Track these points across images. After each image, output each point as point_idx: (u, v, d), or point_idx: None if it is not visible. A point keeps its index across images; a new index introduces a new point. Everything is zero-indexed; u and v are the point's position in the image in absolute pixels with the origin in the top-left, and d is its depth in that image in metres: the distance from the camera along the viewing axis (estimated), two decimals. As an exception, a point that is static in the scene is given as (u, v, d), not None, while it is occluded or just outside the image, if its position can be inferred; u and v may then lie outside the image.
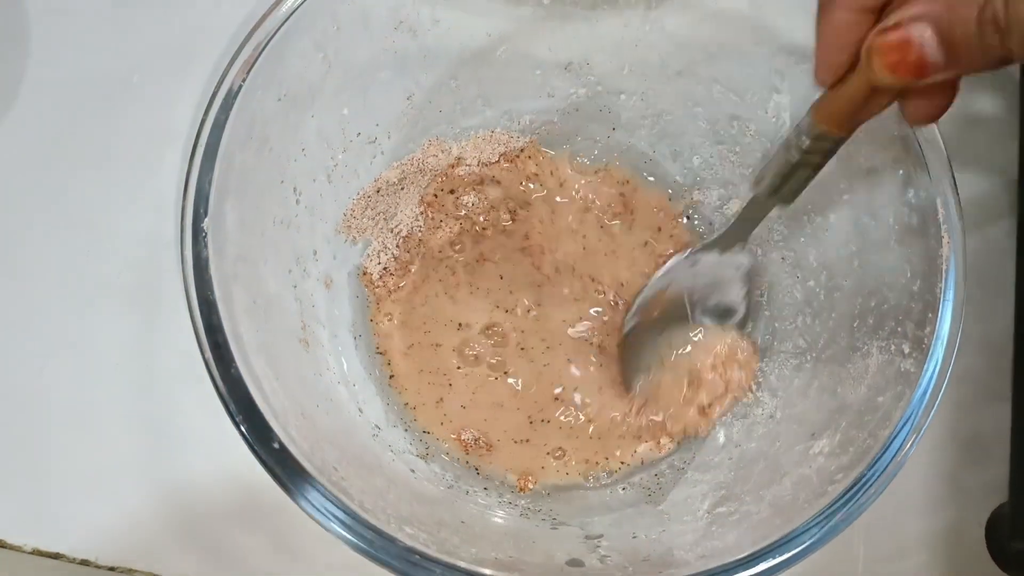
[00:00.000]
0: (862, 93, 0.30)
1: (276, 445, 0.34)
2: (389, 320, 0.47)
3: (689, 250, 0.45)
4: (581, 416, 0.46)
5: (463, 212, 0.49)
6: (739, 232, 0.42)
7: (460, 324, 0.47)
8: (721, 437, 0.45)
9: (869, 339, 0.40)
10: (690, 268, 0.44)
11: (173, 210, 0.49)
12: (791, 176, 0.36)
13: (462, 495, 0.43)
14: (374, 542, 0.33)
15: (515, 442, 0.46)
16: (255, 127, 0.39)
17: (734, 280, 0.44)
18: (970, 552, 0.47)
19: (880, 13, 0.28)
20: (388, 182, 0.47)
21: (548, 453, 0.46)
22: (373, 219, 0.47)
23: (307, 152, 0.43)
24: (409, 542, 0.34)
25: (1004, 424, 0.46)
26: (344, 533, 0.33)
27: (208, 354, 0.35)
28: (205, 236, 0.36)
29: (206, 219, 0.36)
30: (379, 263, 0.48)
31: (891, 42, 0.27)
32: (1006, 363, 0.47)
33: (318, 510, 0.33)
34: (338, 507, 0.33)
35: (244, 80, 0.38)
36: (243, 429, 0.34)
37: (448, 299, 0.48)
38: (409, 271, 0.48)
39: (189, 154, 0.37)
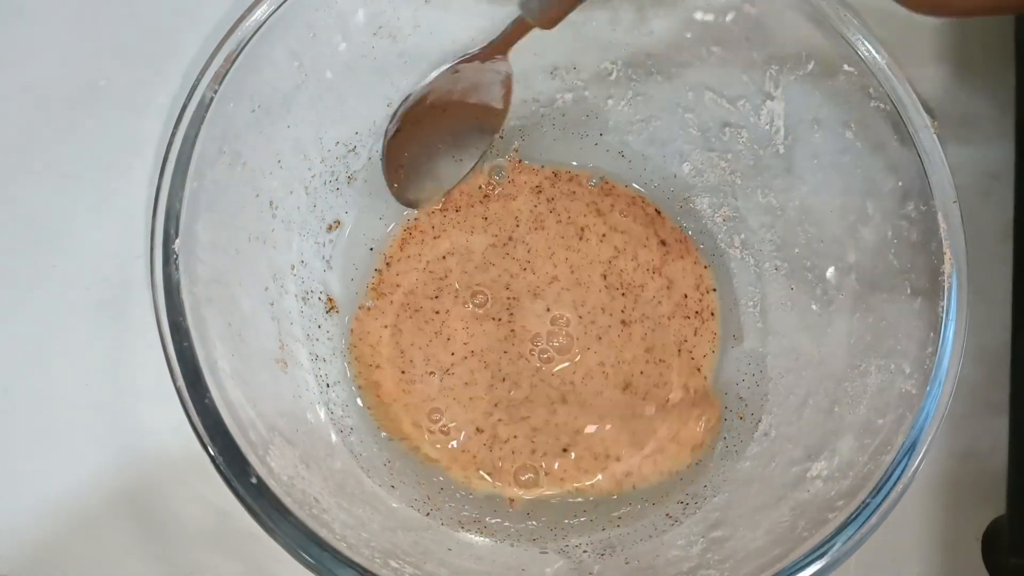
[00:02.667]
0: None
1: (254, 480, 0.32)
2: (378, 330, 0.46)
3: (449, 63, 0.44)
4: (574, 430, 0.45)
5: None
6: (500, 46, 0.42)
7: (447, 335, 0.46)
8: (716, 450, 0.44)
9: (867, 357, 0.39)
10: (451, 75, 0.44)
11: (143, 222, 0.47)
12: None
13: (448, 517, 0.42)
14: (358, 582, 0.32)
15: (501, 455, 0.45)
16: (227, 141, 0.38)
17: (495, 83, 0.44)
18: (966, 566, 0.46)
19: None
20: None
21: (534, 469, 0.44)
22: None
23: (283, 164, 0.41)
24: (394, 579, 0.32)
25: (1001, 435, 0.45)
26: (325, 573, 0.32)
27: (180, 383, 0.33)
28: (176, 258, 0.34)
29: (177, 240, 0.35)
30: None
31: None
32: (1003, 373, 0.46)
33: (301, 549, 0.32)
34: (320, 546, 0.32)
35: (215, 92, 0.36)
36: (219, 464, 0.32)
37: (434, 314, 0.46)
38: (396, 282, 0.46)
39: (159, 166, 0.36)
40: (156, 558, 0.45)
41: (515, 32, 0.41)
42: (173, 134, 0.35)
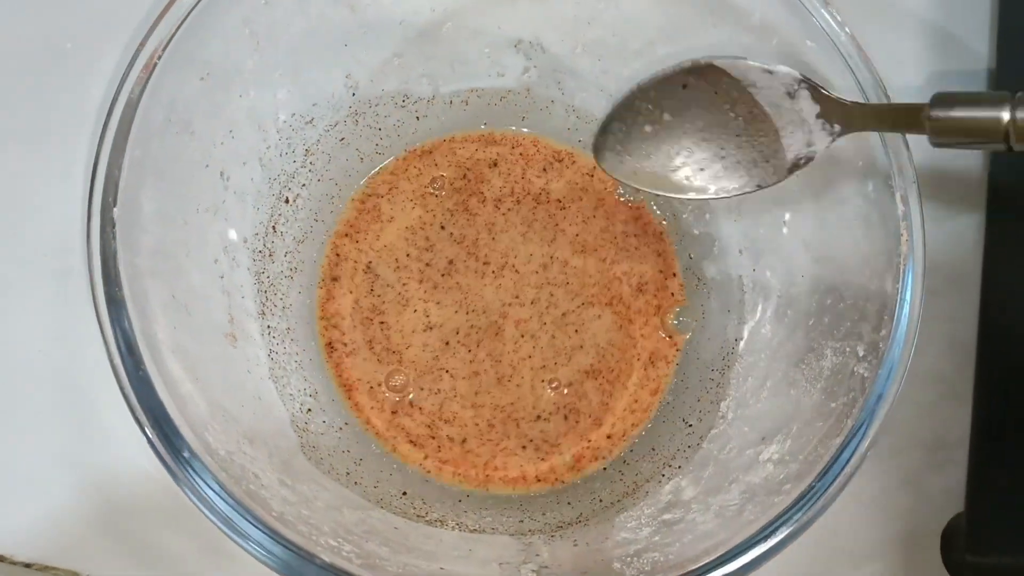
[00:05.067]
0: None
1: (185, 454, 0.32)
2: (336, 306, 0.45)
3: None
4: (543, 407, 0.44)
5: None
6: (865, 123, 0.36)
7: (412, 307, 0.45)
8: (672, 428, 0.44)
9: (824, 339, 0.38)
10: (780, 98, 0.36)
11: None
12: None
13: (397, 497, 0.41)
14: (291, 561, 0.31)
15: (466, 441, 0.44)
16: (175, 109, 0.37)
17: (797, 135, 0.37)
18: (925, 562, 0.45)
19: None
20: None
21: (501, 453, 0.44)
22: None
23: (235, 135, 0.40)
24: (329, 557, 0.32)
25: (966, 428, 0.44)
26: (256, 550, 0.31)
27: (114, 355, 0.33)
28: (114, 227, 0.34)
29: (115, 208, 0.34)
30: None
31: None
32: (971, 363, 0.45)
33: (229, 526, 0.31)
34: (251, 521, 0.31)
35: (159, 58, 0.35)
36: (150, 436, 0.32)
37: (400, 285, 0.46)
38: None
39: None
40: (109, 530, 0.44)
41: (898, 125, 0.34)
42: (114, 100, 0.35)
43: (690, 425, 0.43)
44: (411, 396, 0.44)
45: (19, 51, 0.48)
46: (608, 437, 0.44)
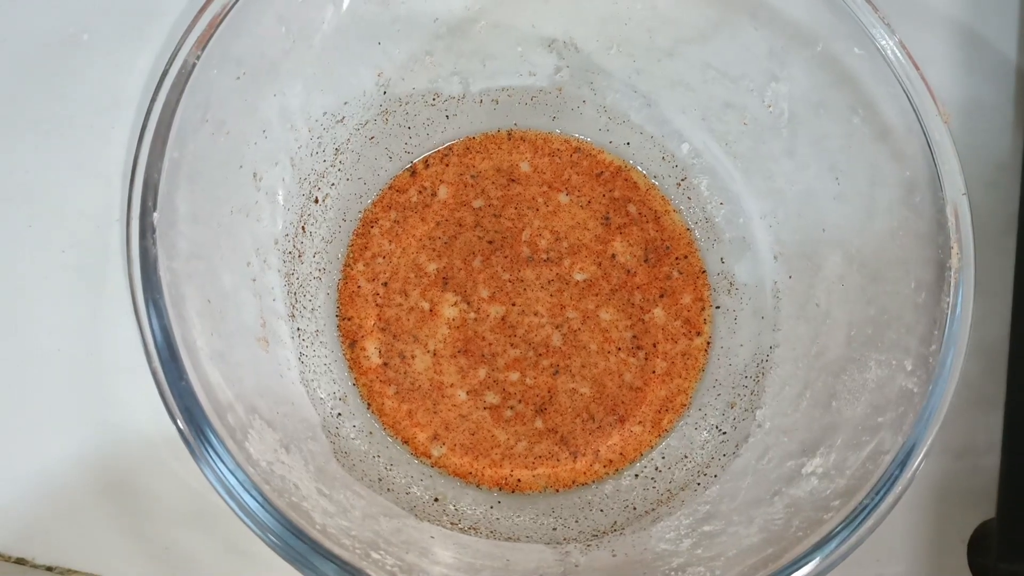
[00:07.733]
0: None
1: (231, 467, 0.31)
2: (364, 307, 0.44)
3: None
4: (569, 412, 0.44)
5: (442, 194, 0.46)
6: None
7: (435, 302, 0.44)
8: (705, 435, 0.43)
9: (867, 350, 0.38)
10: None
11: (123, 183, 0.45)
12: None
13: (429, 504, 0.41)
14: (337, 576, 0.30)
15: (492, 440, 0.43)
16: (211, 108, 0.36)
17: None
18: (950, 569, 0.45)
19: None
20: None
21: (524, 457, 0.43)
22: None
23: (268, 134, 0.39)
24: (375, 572, 0.31)
25: (997, 432, 0.44)
26: (304, 569, 0.30)
27: (156, 364, 0.32)
28: (154, 232, 0.33)
29: (155, 213, 0.33)
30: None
31: None
32: (1001, 368, 0.45)
33: (279, 540, 0.31)
34: (299, 538, 0.31)
35: (198, 58, 0.34)
36: (195, 452, 0.31)
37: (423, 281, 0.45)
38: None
39: (139, 133, 0.34)
40: (130, 533, 0.44)
41: None
42: (153, 100, 0.34)
43: (724, 433, 0.42)
44: (435, 394, 0.44)
45: (45, 44, 0.47)
46: (636, 439, 0.44)
